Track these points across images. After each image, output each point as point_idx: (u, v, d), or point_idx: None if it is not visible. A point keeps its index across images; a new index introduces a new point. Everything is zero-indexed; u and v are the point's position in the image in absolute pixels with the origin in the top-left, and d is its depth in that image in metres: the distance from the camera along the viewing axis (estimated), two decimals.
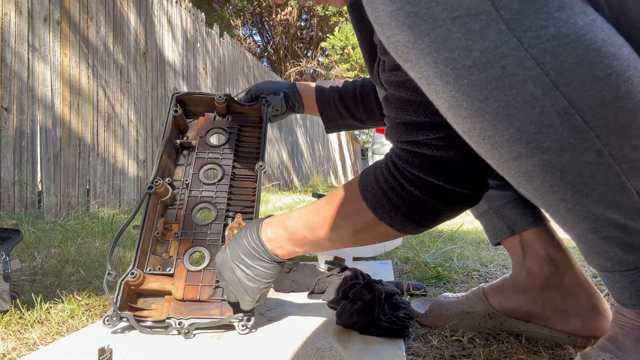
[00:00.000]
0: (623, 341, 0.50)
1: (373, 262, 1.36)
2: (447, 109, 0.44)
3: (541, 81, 0.38)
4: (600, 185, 0.41)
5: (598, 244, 0.46)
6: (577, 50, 0.37)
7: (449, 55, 0.40)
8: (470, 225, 2.34)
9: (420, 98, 0.56)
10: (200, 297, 0.83)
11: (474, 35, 0.38)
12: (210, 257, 0.88)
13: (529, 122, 0.40)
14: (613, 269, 0.46)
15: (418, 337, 0.75)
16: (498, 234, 0.77)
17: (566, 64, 0.37)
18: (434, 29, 0.39)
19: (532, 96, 0.39)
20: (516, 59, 0.38)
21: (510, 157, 0.43)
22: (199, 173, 0.98)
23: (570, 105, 0.38)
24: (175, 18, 4.11)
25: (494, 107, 0.40)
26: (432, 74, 0.42)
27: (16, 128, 2.40)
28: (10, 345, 0.74)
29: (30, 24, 2.50)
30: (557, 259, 0.71)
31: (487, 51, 0.38)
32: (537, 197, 0.46)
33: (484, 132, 0.42)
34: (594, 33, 0.37)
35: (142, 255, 0.85)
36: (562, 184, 0.42)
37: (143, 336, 0.76)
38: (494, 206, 0.76)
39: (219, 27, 5.48)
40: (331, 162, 11.00)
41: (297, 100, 1.06)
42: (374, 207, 0.61)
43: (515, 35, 0.37)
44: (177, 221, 0.92)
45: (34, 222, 2.19)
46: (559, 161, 0.41)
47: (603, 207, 0.43)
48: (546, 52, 0.37)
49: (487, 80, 0.39)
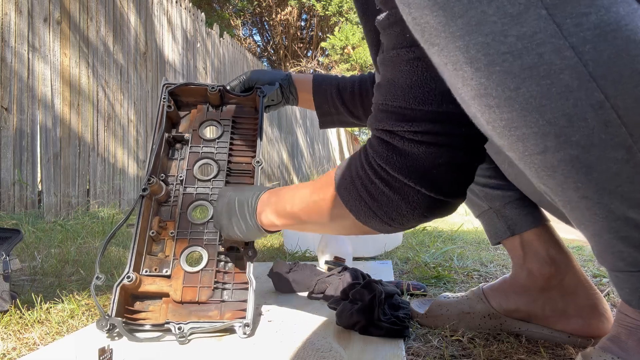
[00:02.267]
0: (626, 341, 0.50)
1: (373, 262, 1.36)
2: (472, 97, 0.42)
3: (578, 72, 0.36)
4: (625, 184, 0.40)
5: (614, 244, 0.44)
6: (617, 40, 0.35)
7: (483, 40, 0.38)
8: (470, 225, 2.34)
9: (413, 81, 0.52)
10: (198, 298, 0.81)
11: (511, 19, 0.36)
12: (208, 257, 0.86)
13: (561, 114, 0.38)
14: (625, 269, 0.46)
15: (418, 337, 0.75)
16: (498, 234, 0.77)
17: (605, 54, 0.35)
18: (468, 10, 0.37)
19: (567, 87, 0.37)
20: (554, 47, 0.36)
21: (535, 151, 0.41)
22: (194, 169, 0.95)
23: (606, 99, 0.36)
24: (175, 18, 4.11)
25: (525, 97, 0.38)
26: (462, 59, 0.39)
27: (16, 128, 2.40)
28: (10, 345, 0.74)
29: (30, 24, 2.50)
30: (557, 259, 0.71)
31: (524, 37, 0.36)
32: (557, 193, 0.44)
33: (511, 123, 0.40)
34: (635, 23, 0.35)
35: (138, 257, 0.83)
36: (587, 181, 0.41)
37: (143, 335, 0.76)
38: (494, 206, 0.76)
39: (219, 27, 5.47)
40: (331, 162, 10.99)
41: (291, 93, 1.02)
42: (342, 194, 0.59)
43: (555, 22, 0.35)
44: (173, 219, 0.90)
45: (34, 222, 2.19)
46: (587, 157, 0.39)
47: (625, 207, 0.41)
48: (586, 41, 0.35)
49: (521, 69, 0.37)
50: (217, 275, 0.84)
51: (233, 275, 0.85)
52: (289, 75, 1.02)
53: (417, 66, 0.51)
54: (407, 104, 0.52)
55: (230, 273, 0.86)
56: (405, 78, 0.52)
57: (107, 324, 0.73)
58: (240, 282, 0.84)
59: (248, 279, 0.81)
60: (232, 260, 0.87)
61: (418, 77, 0.51)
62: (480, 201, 0.77)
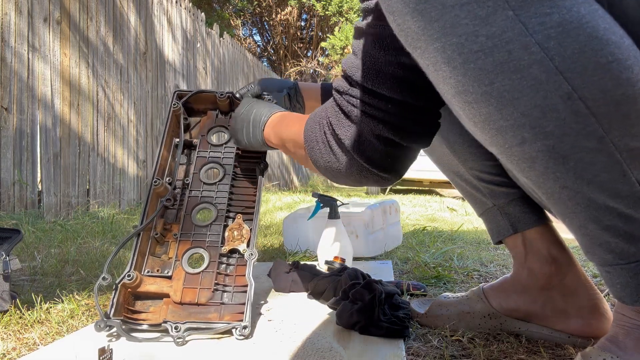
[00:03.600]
0: (624, 341, 0.50)
1: (373, 262, 1.36)
2: (453, 95, 0.45)
3: (545, 66, 0.39)
4: (601, 173, 0.42)
5: (600, 234, 0.46)
6: (580, 36, 0.38)
7: (457, 40, 0.41)
8: (470, 225, 2.34)
9: (365, 60, 0.58)
10: (198, 300, 0.81)
11: (481, 21, 0.39)
12: (209, 258, 0.86)
13: (533, 106, 0.41)
14: (614, 262, 0.46)
15: (418, 337, 0.75)
16: (501, 232, 0.76)
17: (569, 49, 0.38)
18: (442, 15, 0.41)
19: (536, 80, 0.40)
20: (521, 44, 0.39)
21: (514, 143, 0.44)
22: (200, 173, 0.97)
23: (574, 91, 0.39)
24: (175, 18, 4.11)
25: (500, 91, 0.41)
26: (440, 59, 0.43)
27: (16, 128, 2.40)
28: (10, 345, 0.74)
29: (30, 24, 2.50)
30: (559, 258, 0.71)
31: (494, 36, 0.39)
32: (539, 185, 0.46)
33: (489, 117, 0.43)
34: (596, 21, 0.38)
35: (140, 257, 0.83)
36: (564, 170, 0.43)
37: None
38: (498, 203, 0.76)
39: (219, 27, 5.47)
40: None
41: (298, 102, 1.04)
42: (306, 134, 0.68)
43: (520, 21, 0.39)
44: (177, 222, 0.91)
45: (34, 222, 2.19)
46: (562, 147, 0.42)
47: (605, 196, 0.43)
48: (550, 37, 0.38)
49: (493, 65, 0.40)
50: (217, 278, 0.84)
51: (234, 278, 0.85)
52: (296, 84, 1.05)
53: (374, 45, 0.57)
54: (360, 78, 0.59)
55: (232, 276, 0.86)
56: (363, 55, 0.59)
57: (105, 325, 0.73)
58: (240, 285, 0.84)
59: (247, 280, 0.81)
60: (234, 263, 0.87)
61: (370, 56, 0.57)
62: (485, 198, 0.77)
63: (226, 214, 0.92)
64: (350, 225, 1.43)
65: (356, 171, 0.63)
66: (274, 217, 2.64)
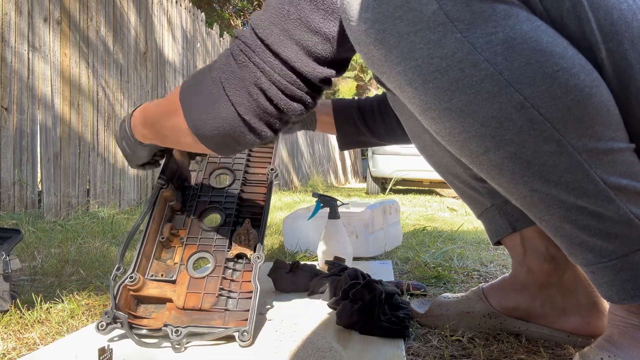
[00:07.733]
0: (619, 340, 0.51)
1: (373, 262, 1.36)
2: (419, 113, 0.49)
3: (496, 79, 0.43)
4: (565, 174, 0.45)
5: (577, 234, 0.47)
6: (524, 50, 0.42)
7: (415, 64, 0.45)
8: (470, 225, 2.34)
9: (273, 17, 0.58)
10: (202, 306, 0.78)
11: (434, 44, 0.44)
12: (215, 263, 0.84)
13: (490, 117, 0.44)
14: (596, 261, 0.48)
15: (418, 337, 0.75)
16: (500, 231, 0.77)
17: (516, 63, 0.42)
18: (400, 42, 0.45)
19: (489, 93, 0.43)
20: (471, 62, 0.43)
21: (480, 152, 0.47)
22: (210, 178, 0.98)
23: (525, 100, 0.43)
24: (175, 18, 4.11)
25: (459, 106, 0.45)
26: (403, 81, 0.47)
27: (16, 128, 2.40)
28: (10, 345, 0.74)
29: (30, 24, 2.50)
30: (557, 256, 0.71)
31: (446, 57, 0.44)
32: (511, 191, 0.49)
33: (453, 130, 0.47)
34: (539, 36, 0.42)
35: (145, 260, 0.82)
36: (530, 174, 0.46)
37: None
38: (496, 202, 0.76)
39: (219, 27, 5.48)
40: (331, 162, 10.99)
41: (309, 117, 1.06)
42: (182, 93, 0.65)
43: (469, 42, 0.43)
44: (185, 227, 0.90)
45: (34, 222, 2.19)
46: (523, 152, 0.45)
47: (573, 196, 0.45)
48: (497, 54, 0.43)
49: (449, 82, 0.44)
50: (223, 283, 0.81)
51: (240, 284, 0.82)
52: None
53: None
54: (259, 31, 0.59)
55: (237, 282, 0.83)
56: (270, 13, 0.58)
57: (113, 317, 0.72)
58: (246, 292, 0.81)
59: (253, 284, 0.78)
60: (240, 269, 0.85)
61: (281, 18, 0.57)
62: (483, 198, 0.77)
63: (234, 219, 0.90)
64: (350, 225, 1.43)
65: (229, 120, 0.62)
66: (274, 217, 2.64)
